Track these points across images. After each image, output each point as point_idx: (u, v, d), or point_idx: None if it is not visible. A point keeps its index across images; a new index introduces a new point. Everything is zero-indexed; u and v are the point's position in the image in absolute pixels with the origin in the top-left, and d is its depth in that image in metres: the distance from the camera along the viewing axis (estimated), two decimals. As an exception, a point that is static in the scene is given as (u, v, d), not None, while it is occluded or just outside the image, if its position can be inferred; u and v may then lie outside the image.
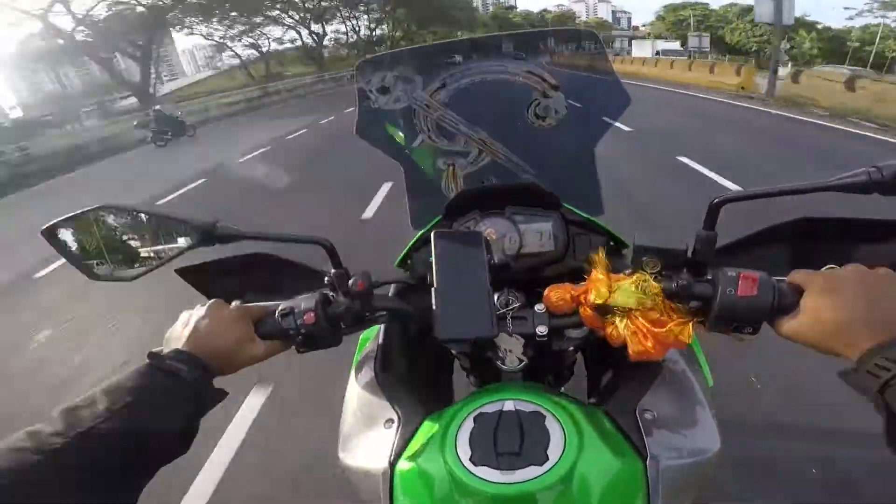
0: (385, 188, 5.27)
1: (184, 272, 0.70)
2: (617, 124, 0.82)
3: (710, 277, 0.49)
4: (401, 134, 0.94)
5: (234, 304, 0.58)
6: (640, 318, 0.50)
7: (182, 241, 0.58)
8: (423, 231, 0.75)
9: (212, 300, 0.58)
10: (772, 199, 0.48)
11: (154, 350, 0.53)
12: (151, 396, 0.44)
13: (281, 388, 2.28)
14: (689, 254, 0.51)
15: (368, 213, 4.78)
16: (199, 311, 0.56)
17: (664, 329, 0.49)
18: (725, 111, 9.64)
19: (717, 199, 0.49)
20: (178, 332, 0.54)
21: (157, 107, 13.69)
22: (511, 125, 0.86)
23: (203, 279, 0.72)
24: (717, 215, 0.50)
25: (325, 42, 42.30)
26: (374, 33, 42.61)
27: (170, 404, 0.45)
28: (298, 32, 39.06)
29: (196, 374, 0.48)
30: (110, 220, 0.59)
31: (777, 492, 1.47)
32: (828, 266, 0.45)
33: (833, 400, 1.60)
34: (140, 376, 0.46)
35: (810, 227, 0.56)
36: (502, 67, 0.89)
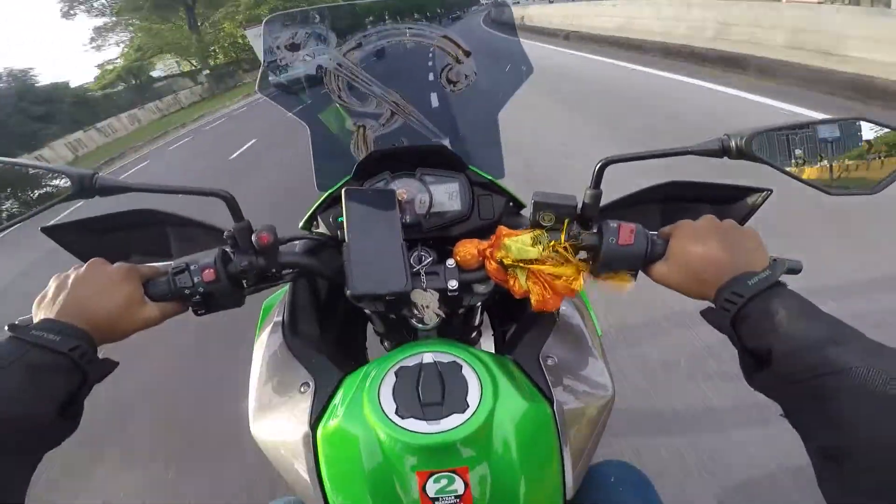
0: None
1: (52, 231, 0.60)
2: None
3: (595, 230, 0.55)
4: (307, 93, 0.89)
5: (117, 264, 0.52)
6: (538, 270, 0.55)
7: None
8: (330, 191, 0.73)
9: (91, 259, 0.51)
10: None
11: (18, 321, 0.46)
12: (14, 376, 0.38)
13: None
14: (579, 210, 0.56)
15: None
16: (76, 272, 0.49)
17: (560, 279, 0.54)
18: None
19: (600, 162, 0.55)
20: (49, 299, 0.47)
21: None
22: (424, 88, 0.86)
23: (77, 240, 0.63)
24: (602, 175, 0.55)
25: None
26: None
27: (38, 382, 0.39)
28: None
29: (72, 344, 0.42)
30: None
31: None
32: (686, 219, 0.53)
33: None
34: None
35: (677, 189, 0.64)
36: (420, 30, 0.88)
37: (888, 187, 0.52)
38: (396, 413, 0.44)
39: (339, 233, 0.69)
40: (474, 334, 0.86)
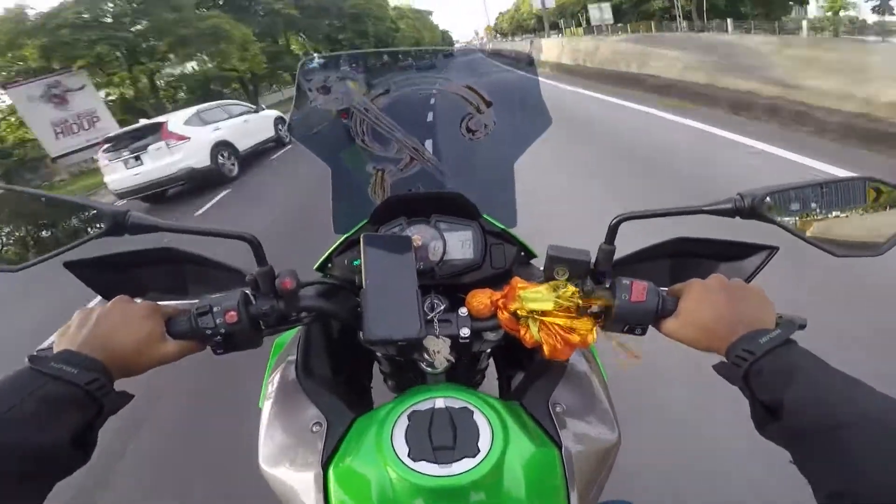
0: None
1: (74, 266, 0.62)
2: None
3: (608, 286, 0.56)
4: (334, 137, 0.93)
5: (141, 301, 0.53)
6: (552, 323, 0.55)
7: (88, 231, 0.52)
8: (347, 235, 0.75)
9: (117, 297, 0.53)
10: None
11: (37, 351, 0.47)
12: (31, 406, 0.39)
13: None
14: (592, 265, 0.57)
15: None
16: (101, 307, 0.51)
17: (573, 332, 0.55)
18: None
19: (616, 219, 0.56)
20: (72, 332, 0.48)
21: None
22: (443, 136, 0.88)
23: (98, 275, 0.64)
24: (616, 232, 0.57)
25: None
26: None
27: (54, 412, 0.40)
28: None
29: (89, 378, 0.43)
30: (7, 204, 0.53)
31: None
32: (696, 279, 0.54)
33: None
34: (16, 383, 0.41)
35: (686, 245, 0.65)
36: (445, 79, 0.92)
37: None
38: (409, 456, 0.44)
39: (355, 277, 0.70)
40: (478, 377, 0.86)
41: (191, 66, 22.92)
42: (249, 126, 8.77)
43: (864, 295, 2.11)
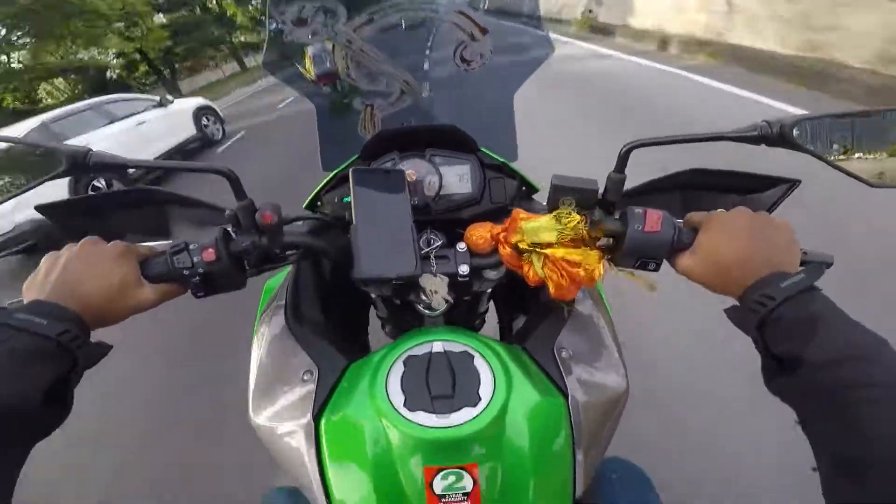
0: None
1: (47, 208, 0.58)
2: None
3: (618, 216, 0.53)
4: (315, 70, 0.86)
5: (112, 242, 0.49)
6: (556, 257, 0.52)
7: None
8: (336, 171, 0.70)
9: (85, 238, 0.48)
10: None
11: (8, 304, 0.44)
12: None
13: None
14: (601, 195, 0.53)
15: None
16: (69, 251, 0.46)
17: (578, 267, 0.51)
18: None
19: (626, 146, 0.52)
20: (40, 280, 0.44)
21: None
22: (436, 67, 0.83)
23: (72, 218, 0.60)
24: (627, 159, 0.52)
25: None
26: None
27: (22, 367, 0.37)
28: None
29: (61, 328, 0.40)
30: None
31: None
32: (719, 210, 0.50)
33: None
34: None
35: (701, 177, 0.61)
36: (432, 5, 0.85)
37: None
38: (405, 405, 0.42)
39: (346, 214, 0.66)
40: (478, 321, 0.84)
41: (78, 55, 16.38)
42: (148, 130, 5.85)
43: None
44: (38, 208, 0.58)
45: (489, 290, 0.66)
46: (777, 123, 0.48)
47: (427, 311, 0.60)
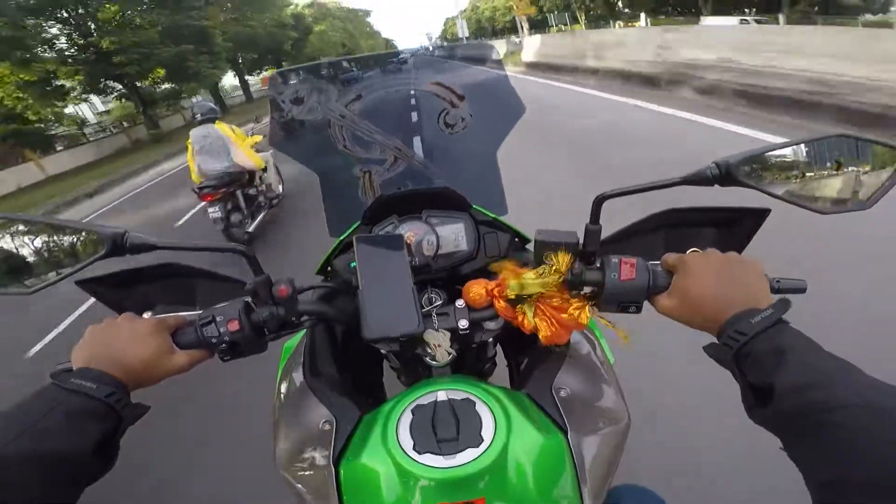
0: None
1: (86, 284, 0.65)
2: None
3: (598, 265, 0.57)
4: (316, 144, 0.95)
5: (146, 314, 0.56)
6: (545, 306, 0.57)
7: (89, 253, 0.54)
8: (342, 237, 0.76)
9: (123, 314, 0.55)
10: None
11: (58, 367, 0.50)
12: (55, 420, 0.42)
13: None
14: (581, 245, 0.58)
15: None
16: (110, 325, 0.53)
17: (566, 314, 0.56)
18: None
19: (598, 196, 0.56)
20: (87, 350, 0.51)
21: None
22: (424, 133, 0.90)
23: (109, 291, 0.67)
24: (599, 210, 0.57)
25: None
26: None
27: (76, 424, 0.43)
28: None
29: (107, 391, 0.46)
30: (7, 230, 0.55)
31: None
32: (692, 249, 0.54)
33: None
34: (41, 398, 0.43)
35: (677, 216, 0.65)
36: (412, 80, 0.94)
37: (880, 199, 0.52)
38: (414, 449, 0.46)
39: (353, 278, 0.71)
40: (488, 367, 0.88)
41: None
42: None
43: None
44: (78, 283, 0.64)
45: (491, 339, 0.70)
46: (724, 163, 0.52)
47: (433, 363, 0.64)
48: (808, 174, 0.54)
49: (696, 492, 1.36)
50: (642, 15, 22.91)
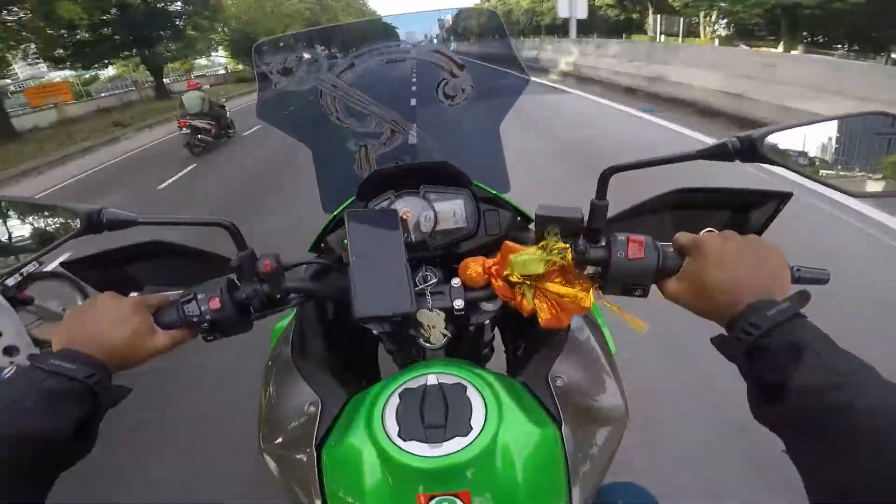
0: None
1: (72, 266, 0.63)
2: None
3: (603, 243, 0.53)
4: (307, 116, 0.90)
5: (132, 295, 0.54)
6: (545, 287, 0.53)
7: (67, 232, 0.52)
8: (335, 213, 0.72)
9: (103, 293, 0.54)
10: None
11: (40, 352, 0.48)
12: (33, 400, 0.41)
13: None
14: (585, 222, 0.54)
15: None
16: (89, 306, 0.52)
17: (568, 296, 0.52)
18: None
19: (606, 170, 0.52)
20: (68, 331, 0.50)
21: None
22: (422, 105, 0.86)
23: (94, 273, 0.65)
24: (607, 185, 0.53)
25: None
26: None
27: (55, 406, 0.42)
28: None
29: (87, 372, 0.45)
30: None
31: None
32: (707, 229, 0.49)
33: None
34: (19, 378, 0.43)
35: (689, 196, 0.60)
36: (409, 47, 0.89)
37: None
38: (399, 435, 0.43)
39: (344, 255, 0.68)
40: (486, 351, 0.85)
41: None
42: None
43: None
44: (64, 265, 0.63)
45: (489, 321, 0.67)
46: (746, 139, 0.47)
47: (427, 345, 0.62)
48: (839, 153, 0.49)
49: (688, 490, 1.36)
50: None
